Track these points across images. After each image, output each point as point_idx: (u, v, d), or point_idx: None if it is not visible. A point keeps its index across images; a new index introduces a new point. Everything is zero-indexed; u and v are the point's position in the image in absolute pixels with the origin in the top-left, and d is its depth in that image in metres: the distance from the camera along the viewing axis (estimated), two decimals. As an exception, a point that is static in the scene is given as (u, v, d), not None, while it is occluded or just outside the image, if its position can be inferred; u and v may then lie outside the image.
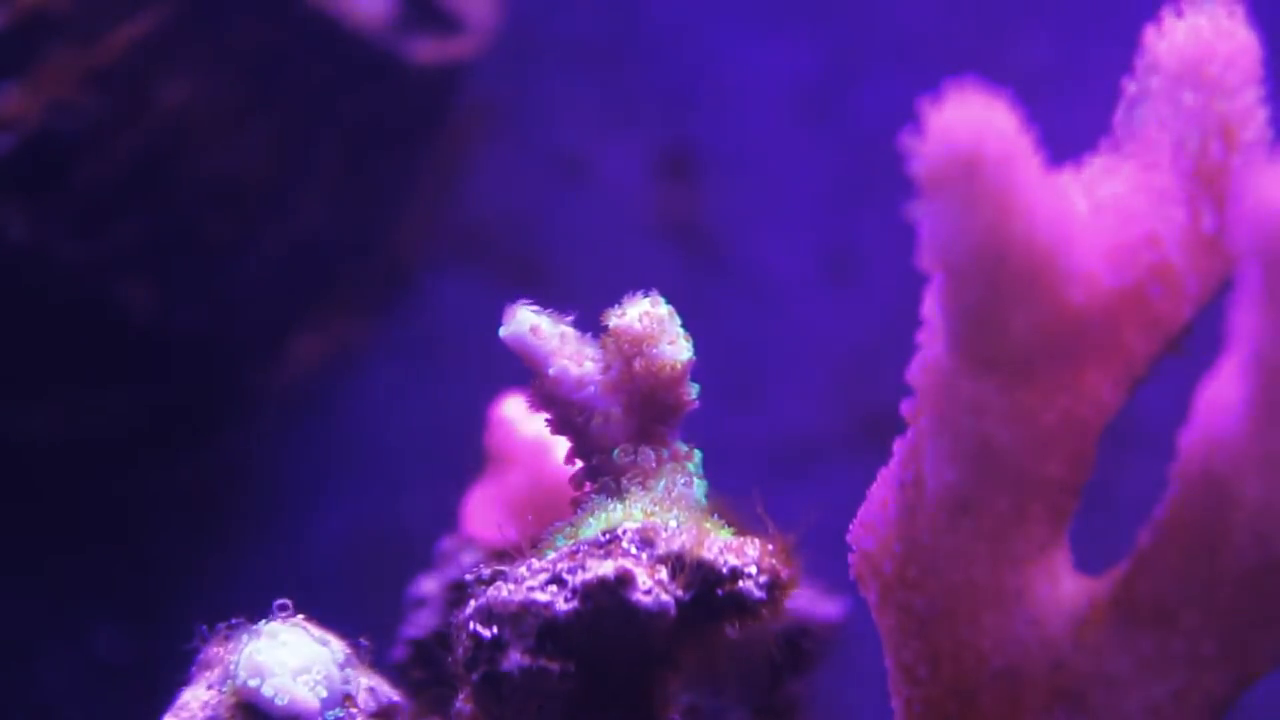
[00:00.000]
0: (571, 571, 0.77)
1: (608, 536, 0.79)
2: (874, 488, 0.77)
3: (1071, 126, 0.77)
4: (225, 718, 0.84)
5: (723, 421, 1.89)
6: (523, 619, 0.77)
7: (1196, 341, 0.72)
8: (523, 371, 0.86)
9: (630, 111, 2.01)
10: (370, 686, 0.89)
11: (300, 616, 0.89)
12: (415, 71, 1.74)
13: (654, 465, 0.84)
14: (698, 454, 0.86)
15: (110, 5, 1.49)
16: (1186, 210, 0.69)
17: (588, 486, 0.85)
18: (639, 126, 2.00)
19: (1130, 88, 0.71)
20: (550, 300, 0.87)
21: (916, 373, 0.72)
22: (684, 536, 0.79)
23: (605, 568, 0.76)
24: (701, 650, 0.81)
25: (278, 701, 0.83)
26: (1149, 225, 0.69)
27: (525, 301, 0.85)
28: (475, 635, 0.78)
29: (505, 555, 0.82)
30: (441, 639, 0.97)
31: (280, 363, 1.88)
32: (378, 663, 0.91)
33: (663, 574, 0.77)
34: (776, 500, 0.82)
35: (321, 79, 1.67)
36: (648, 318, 0.84)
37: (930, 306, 0.69)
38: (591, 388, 0.84)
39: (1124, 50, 0.73)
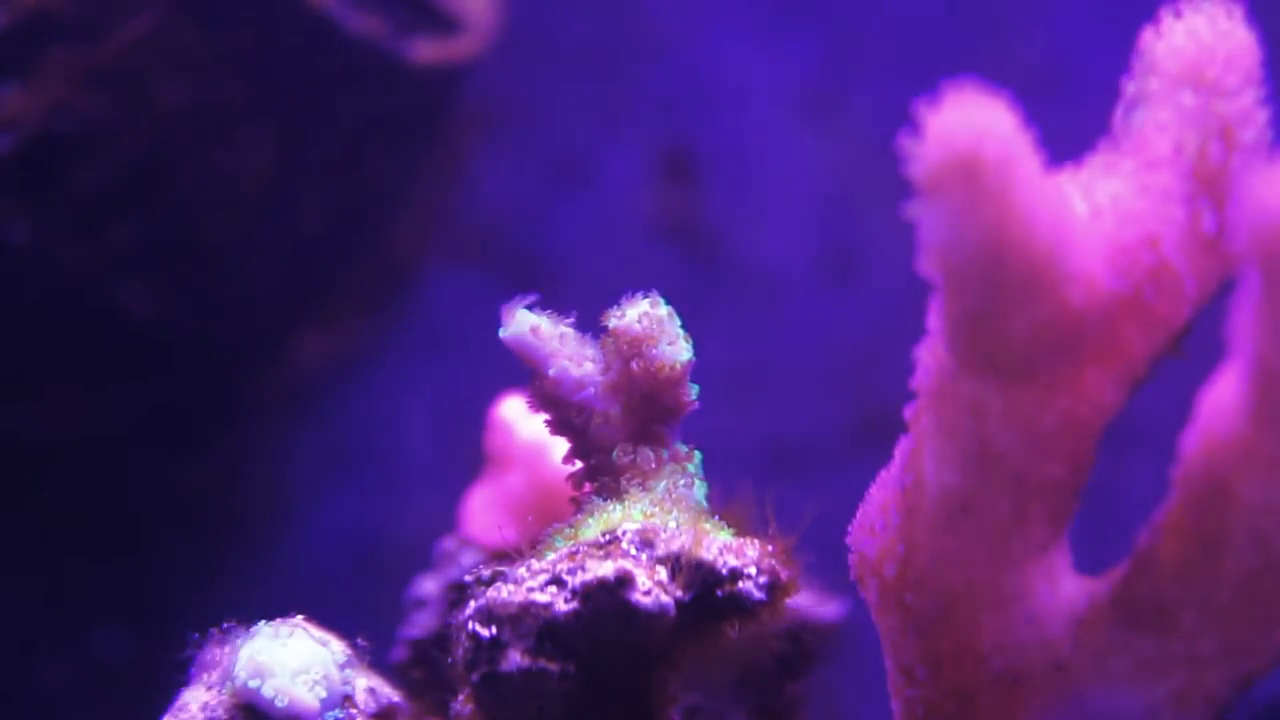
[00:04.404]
0: (571, 572, 0.77)
1: (607, 537, 0.79)
2: (874, 489, 0.77)
3: (1071, 126, 0.77)
4: (225, 718, 0.84)
5: (723, 421, 1.89)
6: (522, 620, 0.77)
7: (1197, 343, 0.72)
8: (523, 372, 0.86)
9: (630, 111, 2.01)
10: (370, 687, 0.89)
11: (300, 617, 0.89)
12: (415, 71, 1.74)
13: (654, 466, 0.84)
14: (697, 455, 0.86)
15: (110, 5, 1.49)
16: (1186, 211, 0.69)
17: (587, 487, 0.85)
18: (639, 126, 2.00)
19: (1129, 89, 0.71)
20: (550, 300, 0.87)
21: (917, 375, 0.72)
22: (683, 537, 0.79)
23: (605, 568, 0.76)
24: (701, 651, 0.81)
25: (277, 702, 0.83)
26: (1148, 227, 0.69)
27: (524, 300, 0.85)
28: (475, 636, 0.78)
29: (505, 556, 0.83)
30: (441, 640, 0.97)
31: (280, 363, 1.88)
32: (378, 663, 0.91)
33: (662, 575, 0.78)
34: (776, 500, 0.82)
35: (321, 79, 1.67)
36: (647, 318, 0.84)
37: (932, 311, 0.69)
38: (591, 388, 0.85)
39: (1124, 50, 0.73)
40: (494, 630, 0.77)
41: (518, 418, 1.14)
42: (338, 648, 0.88)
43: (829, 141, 1.99)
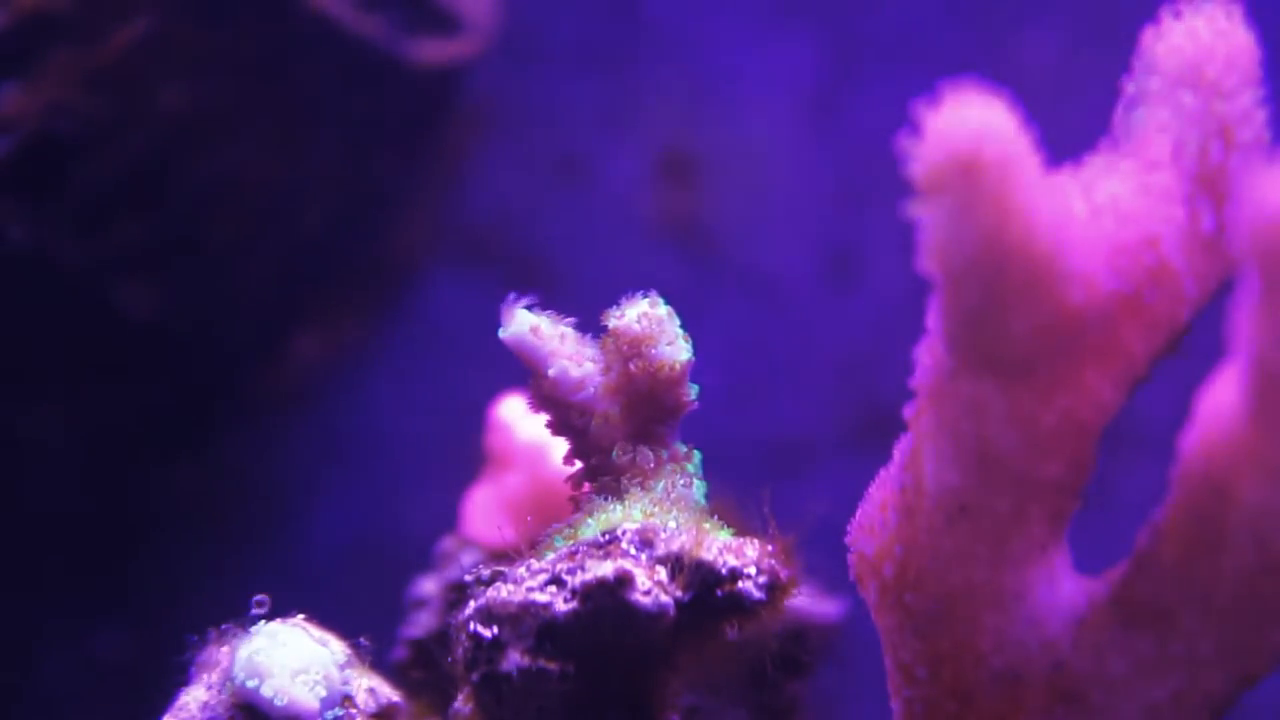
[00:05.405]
0: (571, 572, 0.77)
1: (607, 537, 0.79)
2: (873, 489, 0.77)
3: (1071, 126, 0.77)
4: (224, 718, 0.84)
5: (723, 421, 1.89)
6: (522, 619, 0.77)
7: (1197, 343, 0.72)
8: (522, 372, 0.86)
9: (630, 112, 2.01)
10: (370, 687, 0.89)
11: (300, 617, 0.89)
12: (415, 71, 1.74)
13: (653, 466, 0.84)
14: (697, 454, 0.86)
15: (110, 6, 1.49)
16: (1185, 211, 0.69)
17: (587, 487, 0.85)
18: (639, 127, 2.00)
19: (1129, 89, 0.71)
20: (550, 300, 0.87)
21: (917, 375, 0.72)
22: (683, 537, 0.79)
23: (604, 568, 0.76)
24: (701, 651, 0.81)
25: (277, 702, 0.83)
26: (1148, 226, 0.69)
27: (523, 300, 0.85)
28: (475, 635, 0.78)
29: (505, 556, 0.83)
30: (441, 639, 0.97)
31: (280, 363, 1.88)
32: (378, 663, 0.91)
33: (662, 575, 0.77)
34: (776, 500, 0.82)
35: (321, 80, 1.67)
36: (647, 318, 0.84)
37: (932, 311, 0.69)
38: (591, 388, 0.84)
39: (1124, 50, 0.73)
40: (494, 630, 0.77)
41: (518, 418, 1.14)
42: (337, 648, 0.88)
43: (829, 142, 1.99)
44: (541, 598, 0.77)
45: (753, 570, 0.79)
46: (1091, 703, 0.71)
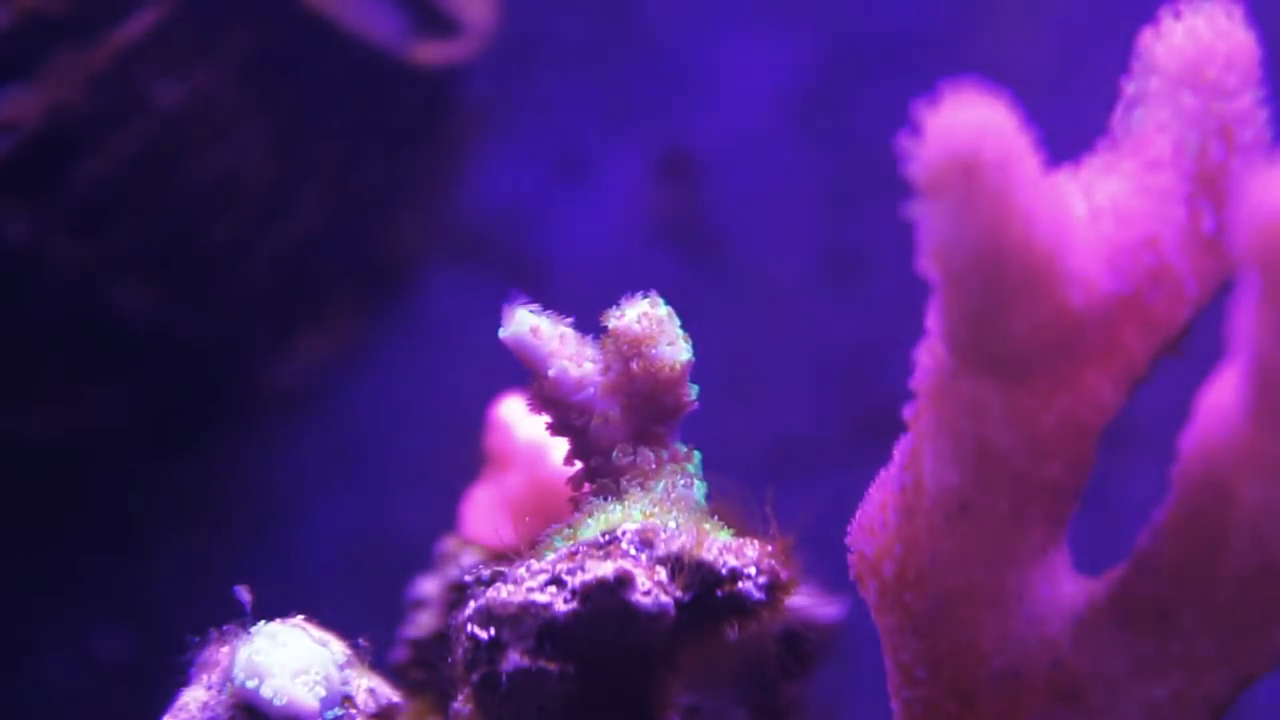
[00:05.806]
0: (571, 573, 0.77)
1: (607, 538, 0.79)
2: (873, 489, 0.77)
3: (1071, 126, 0.76)
4: (224, 718, 0.84)
5: (723, 422, 1.89)
6: (522, 620, 0.77)
7: (1196, 343, 0.72)
8: (522, 372, 0.86)
9: (629, 111, 2.01)
10: (370, 687, 0.89)
11: (300, 617, 0.89)
12: (414, 72, 1.74)
13: (653, 466, 0.84)
14: (697, 455, 0.86)
15: (109, 6, 1.49)
16: (1186, 212, 0.69)
17: (587, 487, 0.85)
18: (638, 126, 2.00)
19: (1129, 89, 0.71)
20: (550, 300, 0.87)
21: (917, 375, 0.72)
22: (683, 537, 0.79)
23: (604, 569, 0.76)
24: (701, 651, 0.81)
25: (276, 702, 0.83)
26: (1148, 227, 0.69)
27: (523, 300, 0.85)
28: (474, 636, 0.78)
29: (504, 556, 0.82)
30: (441, 640, 0.97)
31: (280, 363, 1.88)
32: (377, 663, 0.91)
33: (662, 575, 0.77)
34: (776, 500, 0.82)
35: (320, 80, 1.67)
36: (646, 318, 0.84)
37: (932, 311, 0.69)
38: (591, 389, 0.84)
39: (1124, 50, 0.73)
40: (493, 631, 0.77)
41: (518, 418, 1.14)
42: (337, 648, 0.88)
43: (829, 141, 1.99)
44: (541, 598, 0.77)
45: (753, 570, 0.79)
46: (1091, 702, 0.71)
